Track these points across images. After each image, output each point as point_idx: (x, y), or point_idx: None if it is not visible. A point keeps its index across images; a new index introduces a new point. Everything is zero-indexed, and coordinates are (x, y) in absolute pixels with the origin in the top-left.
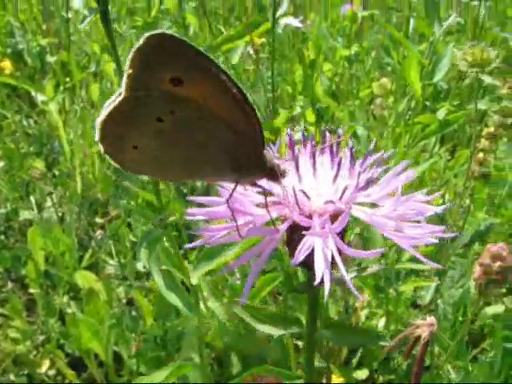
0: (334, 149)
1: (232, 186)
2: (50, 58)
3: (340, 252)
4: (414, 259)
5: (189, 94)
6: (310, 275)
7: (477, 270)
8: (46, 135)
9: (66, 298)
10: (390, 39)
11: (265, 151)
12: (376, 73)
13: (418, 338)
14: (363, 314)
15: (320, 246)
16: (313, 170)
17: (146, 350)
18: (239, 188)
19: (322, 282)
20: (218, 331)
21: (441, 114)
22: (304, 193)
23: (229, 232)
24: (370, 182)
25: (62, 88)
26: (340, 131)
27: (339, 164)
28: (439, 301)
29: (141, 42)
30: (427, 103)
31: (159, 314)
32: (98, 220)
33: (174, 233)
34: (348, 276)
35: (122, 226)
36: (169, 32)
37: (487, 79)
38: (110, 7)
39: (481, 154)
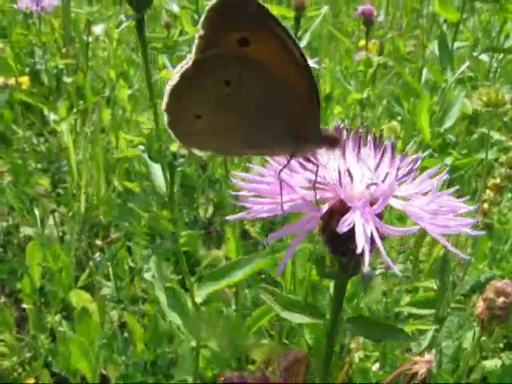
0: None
1: (282, 161)
2: (66, 79)
3: (379, 232)
4: (412, 303)
5: (255, 55)
6: (344, 262)
7: (480, 305)
8: (55, 154)
9: (58, 317)
10: (402, 89)
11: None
12: (386, 120)
13: (414, 375)
14: (357, 355)
15: (360, 221)
16: (357, 158)
17: (134, 374)
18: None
19: (353, 272)
20: (209, 361)
21: (448, 160)
22: (349, 172)
23: (271, 207)
24: (410, 173)
25: (74, 110)
26: (383, 131)
27: (383, 153)
28: (433, 350)
29: (212, 3)
30: (435, 154)
31: (151, 340)
32: (98, 242)
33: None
34: (383, 248)
35: (121, 250)
36: None
37: (495, 135)
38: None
39: (485, 205)
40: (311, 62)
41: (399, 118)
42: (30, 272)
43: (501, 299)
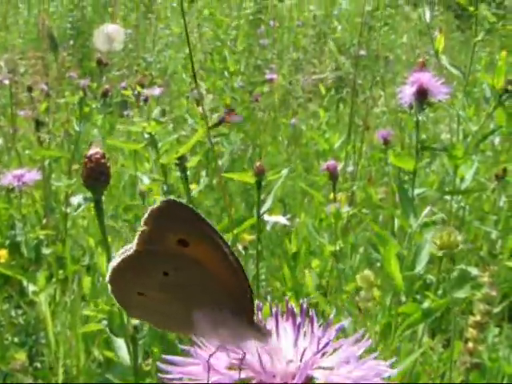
0: (298, 317)
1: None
2: (46, 250)
3: None
4: None
5: (192, 254)
6: None
7: None
8: (33, 326)
9: None
10: (377, 236)
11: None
12: (365, 270)
13: None
14: None
15: None
16: (276, 334)
17: None
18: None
19: None
20: None
21: (426, 304)
22: (268, 353)
23: None
24: (328, 344)
25: (54, 279)
26: (304, 304)
27: (299, 327)
28: None
29: (156, 204)
30: (417, 296)
31: None
32: None
33: None
34: None
35: None
36: (178, 200)
37: (474, 271)
38: (105, 203)
39: (470, 344)
40: (282, 219)
41: (378, 264)
42: None
43: None
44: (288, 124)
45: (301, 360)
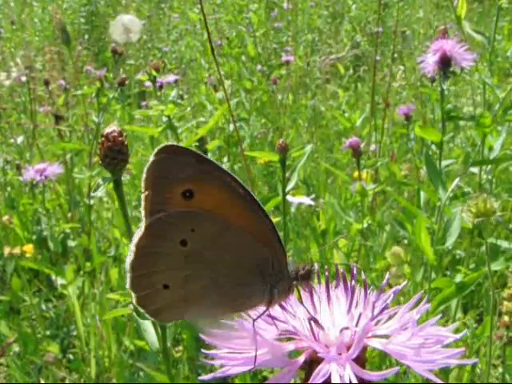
0: (348, 282)
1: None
2: (72, 243)
3: (358, 378)
4: None
5: (202, 205)
6: None
7: None
8: (63, 318)
9: None
10: (403, 212)
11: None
12: (393, 247)
13: None
14: None
15: (336, 371)
16: (327, 302)
17: None
18: (254, 321)
19: None
20: None
21: (458, 278)
22: (317, 322)
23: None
24: (384, 309)
25: (81, 272)
26: (354, 268)
27: (352, 292)
28: None
29: (150, 159)
30: (447, 272)
31: None
32: None
33: None
34: None
35: None
36: (173, 143)
37: (504, 244)
38: (128, 193)
39: (506, 318)
40: (307, 200)
41: (405, 241)
42: None
43: None
44: (307, 106)
45: (356, 327)
